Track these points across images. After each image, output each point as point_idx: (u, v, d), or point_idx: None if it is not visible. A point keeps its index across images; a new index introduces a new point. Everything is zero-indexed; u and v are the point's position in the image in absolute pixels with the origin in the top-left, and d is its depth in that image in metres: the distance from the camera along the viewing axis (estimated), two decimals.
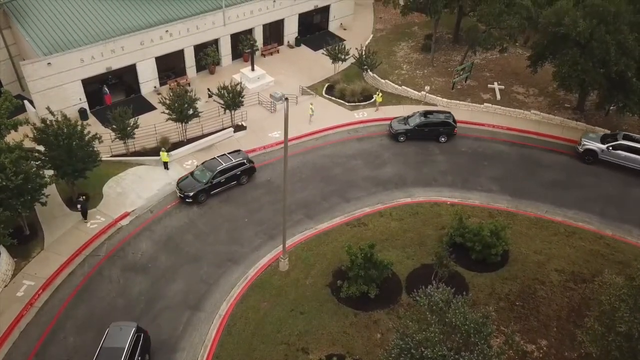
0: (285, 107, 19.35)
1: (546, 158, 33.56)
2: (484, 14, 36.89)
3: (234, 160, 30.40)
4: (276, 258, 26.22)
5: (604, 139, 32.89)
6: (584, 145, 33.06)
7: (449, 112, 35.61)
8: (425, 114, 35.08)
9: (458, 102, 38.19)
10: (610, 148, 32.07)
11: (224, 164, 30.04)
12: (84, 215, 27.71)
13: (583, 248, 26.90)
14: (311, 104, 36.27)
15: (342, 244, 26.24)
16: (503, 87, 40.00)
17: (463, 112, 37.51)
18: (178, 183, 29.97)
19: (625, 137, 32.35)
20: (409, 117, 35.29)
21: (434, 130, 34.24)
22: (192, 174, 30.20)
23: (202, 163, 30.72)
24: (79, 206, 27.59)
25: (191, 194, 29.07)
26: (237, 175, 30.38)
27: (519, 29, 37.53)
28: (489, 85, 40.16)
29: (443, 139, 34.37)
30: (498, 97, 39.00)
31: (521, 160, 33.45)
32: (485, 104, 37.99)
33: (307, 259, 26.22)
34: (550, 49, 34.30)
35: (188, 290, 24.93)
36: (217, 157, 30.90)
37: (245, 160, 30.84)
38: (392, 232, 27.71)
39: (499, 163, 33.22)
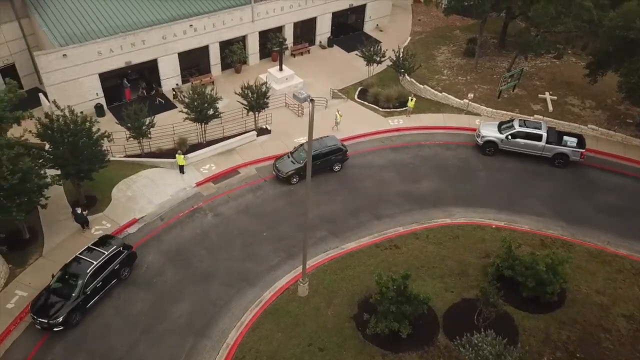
0: (310, 109, 16.35)
1: (607, 179, 29.51)
2: (538, 14, 33.07)
3: (106, 252, 22.28)
4: (295, 280, 23.13)
5: (500, 128, 31.21)
6: (483, 137, 31.03)
7: (334, 136, 30.51)
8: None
9: (505, 112, 34.46)
10: (510, 137, 30.47)
11: (95, 262, 21.79)
12: (82, 226, 25.30)
13: None
14: (338, 111, 33.10)
15: (370, 269, 23.04)
16: (555, 97, 36.02)
17: None
18: (33, 307, 20.99)
19: (521, 124, 30.94)
20: (292, 153, 29.44)
21: (326, 161, 29.18)
22: (50, 289, 21.45)
23: (62, 269, 21.99)
24: (73, 216, 25.19)
25: (60, 319, 20.43)
26: (116, 270, 22.57)
27: (577, 34, 33.60)
28: (539, 95, 36.26)
29: (337, 168, 29.65)
30: (550, 108, 35.05)
31: (577, 182, 29.51)
32: (535, 115, 34.13)
33: (330, 284, 23.04)
34: (615, 57, 30.31)
35: (194, 311, 22.11)
36: (81, 254, 22.26)
37: (120, 247, 23.01)
38: (429, 258, 24.27)
39: (551, 183, 29.38)
